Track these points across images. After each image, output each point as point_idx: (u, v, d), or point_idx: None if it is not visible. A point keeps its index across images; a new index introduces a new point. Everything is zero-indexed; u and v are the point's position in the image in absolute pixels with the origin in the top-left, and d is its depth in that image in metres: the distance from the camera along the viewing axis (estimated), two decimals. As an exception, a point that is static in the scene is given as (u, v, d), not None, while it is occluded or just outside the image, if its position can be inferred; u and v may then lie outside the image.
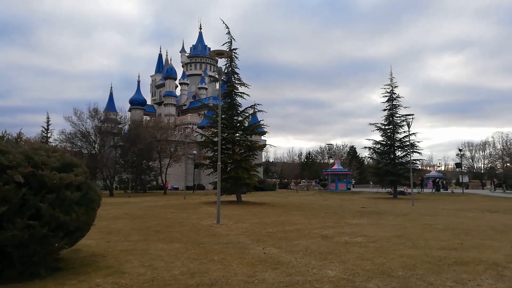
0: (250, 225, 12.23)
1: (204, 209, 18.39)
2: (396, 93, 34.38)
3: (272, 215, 15.74)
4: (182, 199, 28.76)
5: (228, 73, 24.08)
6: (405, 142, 33.42)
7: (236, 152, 23.22)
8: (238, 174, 22.02)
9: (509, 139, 62.60)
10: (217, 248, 7.85)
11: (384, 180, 33.48)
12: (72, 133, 38.55)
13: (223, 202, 22.61)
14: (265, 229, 11.09)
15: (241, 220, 13.74)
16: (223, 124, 23.31)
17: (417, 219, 14.76)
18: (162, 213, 16.35)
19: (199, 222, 13.02)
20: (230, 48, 23.96)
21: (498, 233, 10.17)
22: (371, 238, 9.18)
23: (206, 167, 23.51)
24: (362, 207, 21.30)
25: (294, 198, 31.24)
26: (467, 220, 14.25)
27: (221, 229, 11.03)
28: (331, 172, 44.19)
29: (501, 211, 19.21)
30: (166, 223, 12.58)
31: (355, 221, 13.67)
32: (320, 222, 13.19)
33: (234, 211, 17.38)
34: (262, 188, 50.64)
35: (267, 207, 20.38)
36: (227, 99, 23.98)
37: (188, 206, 20.24)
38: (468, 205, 23.63)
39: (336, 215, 16.60)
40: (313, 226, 12.02)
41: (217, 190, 12.93)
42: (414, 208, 20.84)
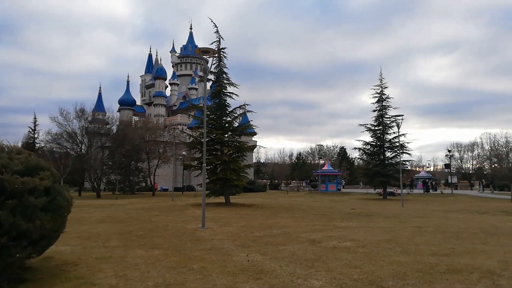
0: (237, 228, 11.84)
1: (191, 212, 17.94)
2: (385, 94, 34.35)
3: (260, 218, 15.37)
4: (170, 200, 28.24)
5: (216, 73, 23.67)
6: (395, 143, 33.35)
7: (225, 153, 22.82)
8: (227, 176, 21.61)
9: (497, 140, 63.05)
10: (198, 255, 7.44)
11: (374, 181, 33.36)
12: (58, 133, 37.68)
13: (211, 204, 22.22)
14: (252, 233, 10.71)
15: (227, 223, 13.34)
16: (212, 124, 22.92)
17: (407, 221, 14.52)
18: (147, 216, 15.86)
19: (184, 225, 12.59)
20: (219, 47, 23.57)
21: (489, 236, 9.94)
22: (360, 243, 8.86)
23: (194, 168, 23.03)
24: (351, 209, 21.05)
25: (284, 200, 30.93)
26: (457, 222, 14.05)
27: (206, 234, 10.62)
28: (321, 173, 43.98)
29: (490, 212, 19.12)
30: (150, 227, 12.12)
31: (344, 224, 13.37)
32: (309, 225, 12.86)
33: (221, 214, 16.97)
34: (252, 189, 50.23)
35: (256, 209, 20.00)
36: (216, 100, 23.56)
37: (175, 209, 19.76)
38: (457, 206, 23.57)
39: (325, 217, 16.30)
40: (301, 229, 11.68)
41: (202, 193, 12.52)
42: (403, 210, 20.66)
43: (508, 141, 52.27)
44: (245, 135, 24.62)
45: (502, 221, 14.36)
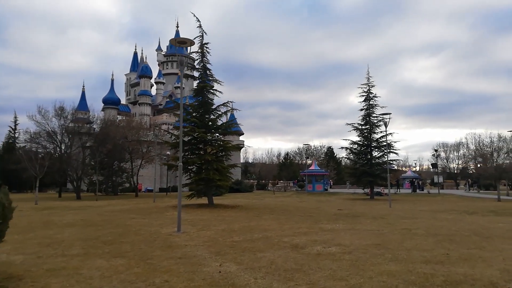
0: (215, 232, 11.01)
1: (170, 214, 17.02)
2: (373, 93, 33.87)
3: (242, 220, 14.57)
4: (151, 202, 27.22)
5: (199, 69, 22.81)
6: (382, 142, 32.92)
7: (208, 152, 21.94)
8: (209, 176, 20.74)
9: (482, 140, 63.52)
10: (165, 265, 6.60)
11: (361, 180, 32.87)
12: (37, 132, 36.20)
13: (193, 206, 21.32)
14: (231, 238, 9.90)
15: (206, 226, 12.50)
16: (194, 123, 22.03)
17: (395, 222, 13.89)
18: (122, 219, 14.90)
19: (158, 229, 11.70)
20: (202, 42, 22.72)
21: (484, 240, 9.33)
22: (346, 248, 8.14)
23: (176, 168, 22.05)
24: (338, 210, 20.42)
25: (270, 200, 30.19)
26: (447, 223, 13.48)
27: (180, 239, 9.76)
28: (308, 172, 43.35)
29: (479, 212, 18.70)
30: (121, 232, 11.20)
31: (330, 226, 12.66)
32: (293, 228, 12.11)
33: (202, 216, 16.11)
34: (238, 190, 49.38)
35: (239, 211, 19.19)
36: (199, 97, 22.67)
37: (154, 210, 18.81)
38: (445, 206, 23.16)
39: (311, 219, 15.59)
40: (284, 232, 10.92)
41: (178, 194, 11.66)
42: (391, 210, 20.11)
43: (492, 141, 52.51)
44: (229, 133, 23.73)
45: (493, 222, 13.86)
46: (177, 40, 11.06)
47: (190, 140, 21.96)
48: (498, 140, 51.81)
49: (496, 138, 51.64)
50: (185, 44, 11.38)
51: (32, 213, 18.29)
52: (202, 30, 22.68)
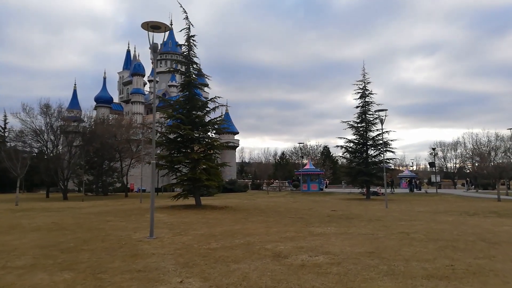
0: (193, 238, 9.92)
1: (152, 216, 15.87)
2: (368, 89, 32.84)
3: (227, 223, 13.48)
4: (138, 202, 26.06)
5: (185, 63, 21.71)
6: (378, 140, 31.94)
7: (195, 150, 20.85)
8: (196, 175, 19.65)
9: (479, 139, 62.71)
10: (116, 281, 5.51)
11: (357, 180, 31.85)
12: (21, 130, 34.95)
13: (178, 207, 20.21)
14: (208, 244, 8.81)
15: (185, 230, 11.41)
16: (180, 119, 20.94)
17: (392, 225, 12.86)
18: (97, 222, 13.76)
19: (131, 234, 10.60)
20: (188, 35, 21.63)
21: (492, 246, 8.29)
22: (335, 258, 7.07)
23: (161, 167, 20.96)
24: (332, 211, 19.39)
25: (262, 200, 29.09)
26: (448, 226, 12.44)
27: (150, 246, 8.66)
28: (302, 172, 42.26)
29: (481, 213, 17.70)
30: (88, 237, 10.08)
31: (321, 230, 11.60)
32: (280, 232, 11.04)
33: (184, 218, 15.00)
34: (232, 190, 48.31)
35: (227, 212, 18.10)
36: (185, 92, 21.56)
37: (136, 212, 17.67)
38: (444, 207, 22.16)
39: (301, 221, 14.54)
40: (269, 237, 9.84)
41: (151, 195, 10.57)
42: (388, 211, 19.08)
43: (490, 140, 51.74)
44: (218, 130, 22.56)
45: (498, 225, 12.84)
46: (150, 24, 9.94)
47: (176, 138, 20.84)
48: (496, 139, 51.05)
49: (494, 137, 50.85)
50: (159, 29, 10.26)
51: (4, 215, 17.12)
52: (189, 22, 21.60)
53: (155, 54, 10.33)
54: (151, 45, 10.23)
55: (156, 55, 10.31)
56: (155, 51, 10.30)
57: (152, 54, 10.34)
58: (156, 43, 10.32)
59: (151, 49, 10.34)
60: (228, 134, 77.72)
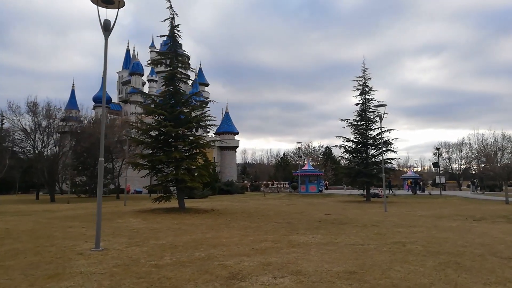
0: (148, 249, 8.40)
1: (123, 222, 14.39)
2: (369, 86, 31.16)
3: (201, 230, 11.95)
4: (122, 205, 24.59)
5: (169, 55, 20.28)
6: (379, 139, 30.28)
7: (179, 149, 19.34)
8: (178, 176, 18.15)
9: (485, 139, 60.69)
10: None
11: (356, 181, 30.19)
12: (6, 129, 33.60)
13: (160, 210, 18.73)
14: (159, 259, 7.29)
15: (147, 239, 9.89)
16: (162, 115, 19.48)
17: (388, 233, 11.27)
18: (55, 229, 12.27)
19: (78, 245, 9.09)
20: (172, 25, 20.20)
21: (504, 263, 6.68)
22: (304, 280, 5.52)
23: (142, 167, 19.45)
24: (326, 214, 17.80)
25: (255, 203, 27.51)
26: (452, 234, 10.82)
27: (86, 261, 7.14)
28: (301, 173, 40.58)
29: (488, 218, 16.01)
30: (26, 248, 8.59)
31: (304, 238, 10.05)
32: (255, 241, 9.50)
33: (157, 224, 13.48)
34: (229, 191, 46.74)
35: (209, 217, 16.55)
36: (169, 87, 20.10)
37: (108, 217, 16.12)
38: (448, 210, 20.47)
39: (287, 227, 13.01)
40: (238, 249, 8.31)
41: (98, 197, 9.09)
42: (386, 215, 17.46)
43: (496, 140, 49.90)
44: (201, 127, 21.00)
45: (508, 233, 11.19)
46: (100, -3, 8.46)
47: (157, 136, 19.34)
48: (503, 139, 49.13)
49: (501, 137, 48.97)
50: (112, 4, 8.77)
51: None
52: (173, 12, 20.17)
53: (107, 33, 8.82)
54: (103, 22, 8.72)
55: (107, 34, 8.80)
56: (107, 29, 8.79)
57: (103, 33, 8.82)
58: (108, 19, 8.82)
59: (102, 26, 8.81)
60: (228, 134, 76.32)
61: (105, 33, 8.79)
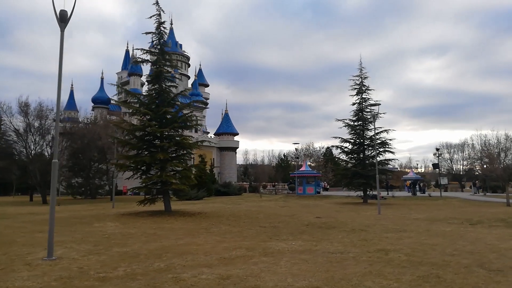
0: (105, 258, 7.73)
1: (99, 226, 13.73)
2: (366, 85, 30.38)
3: (176, 235, 11.27)
4: (109, 208, 23.94)
5: (155, 52, 19.64)
6: (376, 139, 29.48)
7: (166, 150, 18.65)
8: (162, 177, 17.48)
9: (488, 140, 59.58)
10: None
11: (352, 183, 29.40)
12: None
13: (143, 213, 18.06)
14: (111, 271, 6.63)
15: (111, 246, 9.22)
16: (147, 115, 18.84)
17: (374, 238, 10.54)
18: (24, 233, 11.63)
19: (31, 252, 8.44)
20: (159, 22, 19.60)
21: (492, 277, 5.94)
22: (257, 300, 4.81)
23: (126, 169, 18.79)
24: (316, 217, 17.09)
25: (249, 205, 26.76)
26: (442, 240, 10.07)
27: (28, 273, 6.47)
28: (298, 174, 39.81)
29: (485, 222, 15.22)
30: (-25, 256, 7.94)
31: (282, 245, 9.36)
32: (228, 248, 8.82)
33: (133, 229, 12.81)
34: (227, 193, 46.00)
35: (193, 220, 15.87)
36: (155, 85, 19.46)
37: (86, 221, 15.47)
38: (445, 213, 19.66)
39: (271, 231, 12.36)
40: (204, 259, 7.63)
41: (51, 202, 8.44)
42: (379, 218, 16.72)
43: (499, 141, 48.91)
44: (186, 128, 20.23)
45: (504, 238, 10.41)
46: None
47: (141, 136, 18.69)
48: (506, 140, 48.14)
49: (504, 138, 47.96)
50: (69, -7, 8.12)
51: None
52: (159, 8, 19.57)
53: (63, 25, 8.16)
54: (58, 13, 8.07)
55: (64, 25, 8.14)
56: (63, 20, 8.14)
57: (59, 25, 8.16)
58: (64, 10, 8.16)
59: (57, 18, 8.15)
60: (227, 135, 75.69)
61: (61, 24, 8.13)
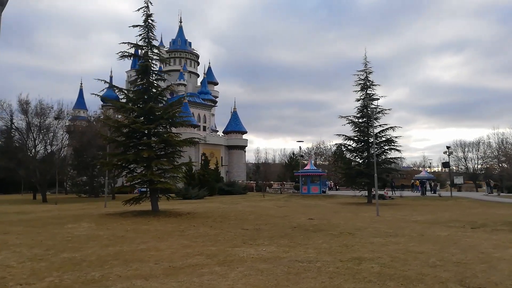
0: (45, 265, 7.01)
1: (71, 227, 13.08)
2: (370, 80, 29.11)
3: (142, 239, 10.52)
4: (102, 207, 23.41)
5: (143, 46, 18.97)
6: (380, 137, 28.31)
7: (151, 147, 17.97)
8: (147, 176, 16.79)
9: (505, 138, 57.15)
10: None
11: (356, 182, 28.23)
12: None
13: (127, 214, 17.39)
14: (35, 281, 5.92)
15: (61, 251, 8.51)
16: (133, 111, 18.19)
17: (356, 244, 9.57)
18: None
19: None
20: (147, 14, 18.95)
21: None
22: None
23: (111, 167, 18.18)
24: (309, 219, 16.13)
25: (246, 204, 25.89)
26: (432, 247, 9.02)
27: None
28: (302, 173, 38.71)
29: (489, 225, 14.00)
30: None
31: (250, 251, 8.52)
32: (186, 256, 8.02)
33: (102, 231, 12.11)
34: (231, 192, 45.24)
35: (176, 221, 15.10)
36: (143, 80, 18.80)
37: (64, 221, 14.87)
38: (449, 215, 18.40)
39: (250, 234, 11.57)
40: (147, 269, 6.85)
41: None
42: (374, 221, 15.65)
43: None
44: (177, 125, 19.50)
45: (502, 246, 9.29)
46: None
47: (127, 133, 18.03)
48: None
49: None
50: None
51: None
52: (147, 0, 18.89)
53: (0, 8, 7.40)
54: None
55: (1, 8, 7.38)
56: (2, 3, 7.38)
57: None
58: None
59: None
60: (235, 133, 75.00)
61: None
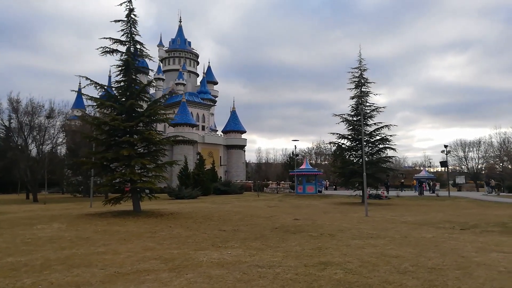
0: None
1: (39, 228, 12.54)
2: (365, 78, 28.43)
3: (108, 240, 9.97)
4: (87, 207, 22.89)
5: (125, 42, 18.42)
6: (375, 136, 27.67)
7: (132, 145, 17.39)
8: (126, 176, 16.23)
9: (508, 138, 56.23)
10: None
11: (349, 182, 27.58)
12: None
13: (107, 214, 16.84)
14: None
15: (8, 255, 8.00)
16: (113, 108, 17.64)
17: (332, 246, 9.00)
18: None
19: None
20: (130, 9, 18.40)
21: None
22: None
23: (90, 166, 17.64)
24: (294, 219, 15.55)
25: (236, 205, 25.31)
26: (411, 251, 8.39)
27: None
28: (297, 172, 38.06)
29: (480, 226, 13.35)
30: None
31: (214, 255, 7.96)
32: (141, 260, 7.48)
33: (70, 232, 11.56)
34: (227, 191, 44.66)
35: (153, 222, 14.53)
36: (125, 77, 18.24)
37: (36, 221, 14.34)
38: (442, 215, 17.72)
39: (227, 235, 11.11)
40: (88, 275, 6.28)
41: None
42: (362, 221, 15.03)
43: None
44: (157, 121, 18.95)
45: (486, 249, 8.63)
46: None
47: (107, 131, 17.47)
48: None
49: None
50: None
51: None
52: (131, -6, 18.33)
53: None
54: None
55: None
56: None
57: None
58: None
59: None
60: (234, 132, 74.37)
61: None
